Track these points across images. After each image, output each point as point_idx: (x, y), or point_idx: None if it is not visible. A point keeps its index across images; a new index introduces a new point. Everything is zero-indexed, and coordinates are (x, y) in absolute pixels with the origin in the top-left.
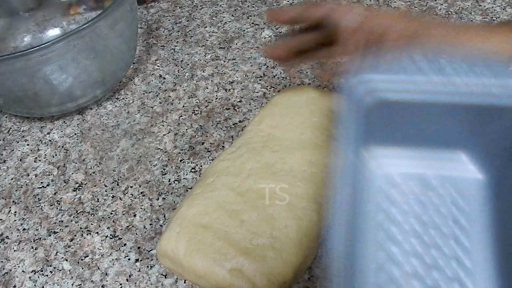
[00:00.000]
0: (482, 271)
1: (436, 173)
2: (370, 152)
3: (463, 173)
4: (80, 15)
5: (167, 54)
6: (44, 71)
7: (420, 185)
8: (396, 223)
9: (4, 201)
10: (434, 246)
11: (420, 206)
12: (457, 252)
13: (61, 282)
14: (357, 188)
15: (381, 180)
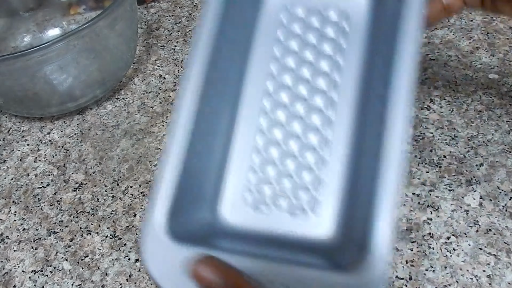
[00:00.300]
0: (343, 121)
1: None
2: None
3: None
4: (80, 15)
5: (167, 54)
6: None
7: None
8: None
9: (4, 201)
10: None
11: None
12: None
13: (61, 282)
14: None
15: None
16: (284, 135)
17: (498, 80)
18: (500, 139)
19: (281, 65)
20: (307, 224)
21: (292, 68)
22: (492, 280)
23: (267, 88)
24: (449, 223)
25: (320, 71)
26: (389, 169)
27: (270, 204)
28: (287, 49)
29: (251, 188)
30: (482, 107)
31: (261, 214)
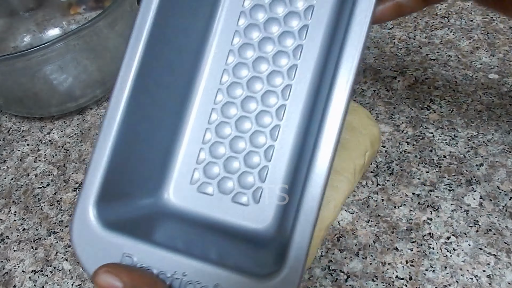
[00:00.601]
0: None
1: None
2: None
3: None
4: (80, 15)
5: None
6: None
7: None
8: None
9: (4, 201)
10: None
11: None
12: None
13: (61, 282)
14: None
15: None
16: (239, 114)
17: (498, 80)
18: (500, 139)
19: (243, 41)
20: (247, 212)
21: (254, 43)
22: (492, 280)
23: (227, 63)
24: (449, 223)
25: (282, 50)
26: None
27: (215, 187)
28: (248, 39)
29: (199, 168)
30: (482, 107)
31: (205, 196)
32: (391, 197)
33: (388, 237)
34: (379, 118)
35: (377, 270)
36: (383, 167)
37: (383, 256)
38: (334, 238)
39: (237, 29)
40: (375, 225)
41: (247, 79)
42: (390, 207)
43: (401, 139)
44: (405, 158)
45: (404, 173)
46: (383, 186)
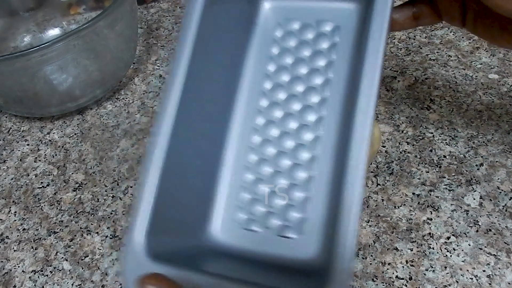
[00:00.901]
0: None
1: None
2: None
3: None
4: (80, 15)
5: (167, 54)
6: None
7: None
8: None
9: (4, 201)
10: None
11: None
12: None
13: (61, 282)
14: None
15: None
16: (276, 152)
17: (498, 80)
18: (500, 139)
19: (275, 82)
20: (294, 245)
21: (285, 84)
22: (492, 280)
23: (260, 105)
24: (449, 223)
25: (312, 86)
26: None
27: (260, 223)
28: (281, 65)
29: (242, 206)
30: (482, 107)
31: (251, 233)
32: (391, 197)
33: (388, 237)
34: (379, 118)
35: (377, 270)
36: (383, 167)
37: (383, 256)
38: None
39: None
40: (375, 225)
41: (281, 117)
42: (390, 207)
43: (401, 139)
44: (405, 158)
45: (404, 173)
46: (383, 186)
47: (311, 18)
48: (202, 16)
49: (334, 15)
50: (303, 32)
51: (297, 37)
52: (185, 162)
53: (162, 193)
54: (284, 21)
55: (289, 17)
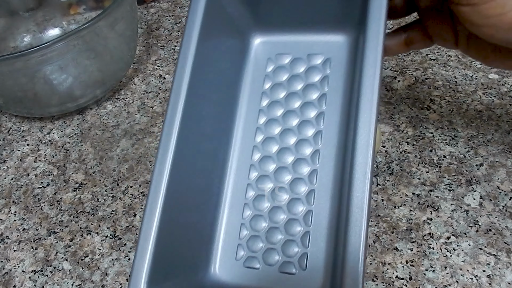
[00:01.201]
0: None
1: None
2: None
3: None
4: (80, 15)
5: (167, 54)
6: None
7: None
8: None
9: (4, 201)
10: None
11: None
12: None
13: (61, 282)
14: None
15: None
16: (273, 187)
17: (498, 80)
18: (500, 139)
19: (269, 116)
20: (297, 281)
21: (279, 118)
22: (492, 280)
23: (255, 141)
24: (449, 223)
25: (306, 120)
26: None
27: (260, 260)
28: (274, 100)
29: (242, 243)
30: (482, 107)
31: (253, 271)
32: (391, 197)
33: (388, 237)
34: (379, 118)
35: (377, 270)
36: (383, 167)
37: (383, 256)
38: None
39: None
40: (375, 225)
41: (277, 151)
42: (390, 207)
43: (401, 139)
44: (405, 158)
45: (404, 173)
46: (383, 186)
47: (302, 52)
48: (197, 49)
49: (324, 48)
50: (294, 66)
51: (289, 71)
52: (184, 200)
53: (162, 235)
54: (275, 56)
55: (279, 52)
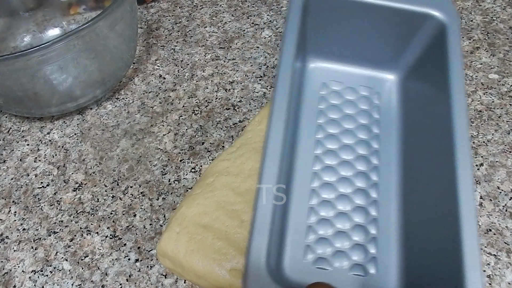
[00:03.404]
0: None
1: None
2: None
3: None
4: (80, 15)
5: (167, 54)
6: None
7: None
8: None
9: (4, 201)
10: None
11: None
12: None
13: (61, 282)
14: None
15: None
16: (335, 196)
17: (498, 80)
18: (500, 139)
19: (326, 132)
20: (369, 281)
21: (335, 135)
22: (492, 280)
23: (315, 152)
24: None
25: (360, 139)
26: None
27: (330, 262)
28: (329, 118)
29: (311, 246)
30: (482, 107)
31: (322, 271)
32: None
33: None
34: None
35: None
36: None
37: None
38: None
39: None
40: None
41: (338, 164)
42: None
43: None
44: None
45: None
46: None
47: (353, 82)
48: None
49: (374, 82)
50: (346, 93)
51: (341, 96)
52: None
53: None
54: (329, 81)
55: (332, 78)
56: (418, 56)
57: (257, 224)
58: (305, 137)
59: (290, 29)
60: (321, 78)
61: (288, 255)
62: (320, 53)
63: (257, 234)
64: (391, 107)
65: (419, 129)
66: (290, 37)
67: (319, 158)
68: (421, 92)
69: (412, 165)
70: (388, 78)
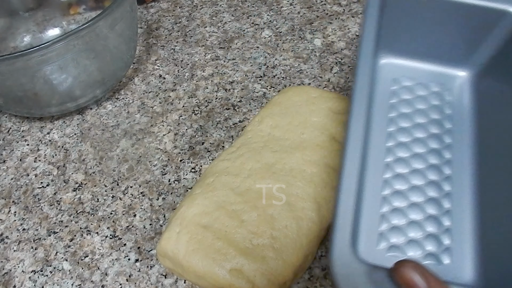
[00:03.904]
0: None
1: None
2: (381, 59)
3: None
4: (80, 15)
5: (167, 54)
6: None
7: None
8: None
9: (4, 201)
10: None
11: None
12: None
13: (61, 282)
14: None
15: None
16: (408, 187)
17: None
18: None
19: (397, 126)
20: (444, 270)
21: (406, 128)
22: None
23: (388, 145)
24: None
25: (432, 133)
26: None
27: (403, 250)
28: (400, 113)
29: (383, 234)
30: None
31: (395, 259)
32: None
33: None
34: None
35: None
36: None
37: None
38: None
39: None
40: None
41: (407, 156)
42: None
43: None
44: None
45: None
46: None
47: (424, 78)
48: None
49: (445, 79)
50: (417, 88)
51: (412, 92)
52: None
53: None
54: (400, 77)
55: (402, 74)
56: (493, 53)
57: (341, 204)
58: (377, 130)
59: (369, 25)
60: (392, 74)
61: (362, 242)
62: (392, 49)
63: (342, 213)
64: (462, 103)
65: (494, 124)
66: (368, 33)
67: (391, 150)
68: (497, 90)
69: (487, 160)
70: (459, 75)
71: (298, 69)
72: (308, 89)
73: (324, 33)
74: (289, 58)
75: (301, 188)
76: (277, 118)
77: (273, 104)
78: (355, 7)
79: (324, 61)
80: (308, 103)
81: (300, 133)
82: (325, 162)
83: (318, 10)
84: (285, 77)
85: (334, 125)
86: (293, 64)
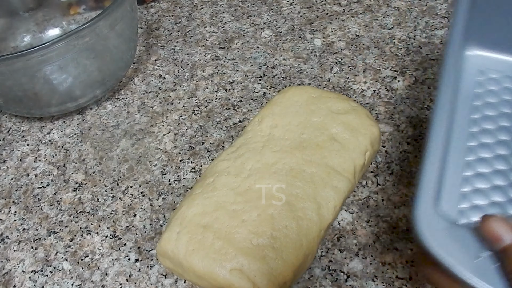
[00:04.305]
0: None
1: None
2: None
3: None
4: (80, 15)
5: (167, 54)
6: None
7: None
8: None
9: (4, 201)
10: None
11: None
12: None
13: (61, 282)
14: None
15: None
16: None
17: None
18: None
19: (482, 114)
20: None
21: (492, 116)
22: None
23: (470, 131)
24: None
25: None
26: None
27: (485, 211)
28: (486, 102)
29: (466, 197)
30: None
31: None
32: (391, 197)
33: (388, 237)
34: (379, 118)
35: (377, 270)
36: (383, 167)
37: (383, 256)
38: (334, 238)
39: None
40: (375, 225)
41: (491, 145)
42: (390, 207)
43: (401, 139)
44: (405, 158)
45: (404, 173)
46: (383, 186)
47: (510, 71)
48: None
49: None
50: (502, 81)
51: (498, 84)
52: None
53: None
54: (485, 69)
55: (488, 67)
56: None
57: (428, 162)
58: (461, 117)
59: (459, 18)
60: (477, 66)
61: (443, 201)
62: (479, 41)
63: (428, 169)
64: None
65: None
66: (457, 26)
67: (474, 135)
68: None
69: None
70: None
71: (298, 69)
72: (308, 89)
73: (324, 33)
74: (289, 58)
75: (301, 188)
76: (277, 118)
77: (273, 104)
78: (355, 7)
79: (324, 61)
80: (308, 103)
81: (300, 133)
82: (325, 162)
83: (318, 10)
84: (285, 77)
85: (334, 125)
86: (293, 64)
